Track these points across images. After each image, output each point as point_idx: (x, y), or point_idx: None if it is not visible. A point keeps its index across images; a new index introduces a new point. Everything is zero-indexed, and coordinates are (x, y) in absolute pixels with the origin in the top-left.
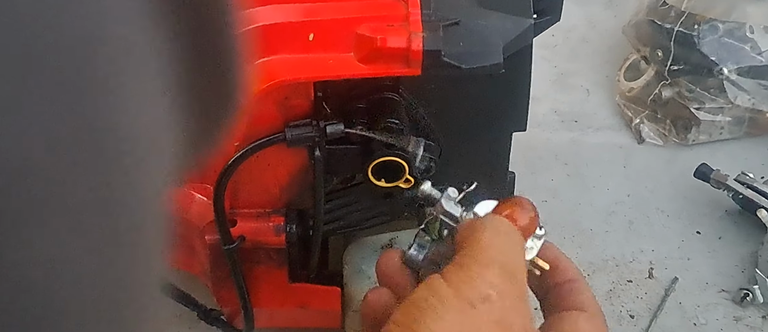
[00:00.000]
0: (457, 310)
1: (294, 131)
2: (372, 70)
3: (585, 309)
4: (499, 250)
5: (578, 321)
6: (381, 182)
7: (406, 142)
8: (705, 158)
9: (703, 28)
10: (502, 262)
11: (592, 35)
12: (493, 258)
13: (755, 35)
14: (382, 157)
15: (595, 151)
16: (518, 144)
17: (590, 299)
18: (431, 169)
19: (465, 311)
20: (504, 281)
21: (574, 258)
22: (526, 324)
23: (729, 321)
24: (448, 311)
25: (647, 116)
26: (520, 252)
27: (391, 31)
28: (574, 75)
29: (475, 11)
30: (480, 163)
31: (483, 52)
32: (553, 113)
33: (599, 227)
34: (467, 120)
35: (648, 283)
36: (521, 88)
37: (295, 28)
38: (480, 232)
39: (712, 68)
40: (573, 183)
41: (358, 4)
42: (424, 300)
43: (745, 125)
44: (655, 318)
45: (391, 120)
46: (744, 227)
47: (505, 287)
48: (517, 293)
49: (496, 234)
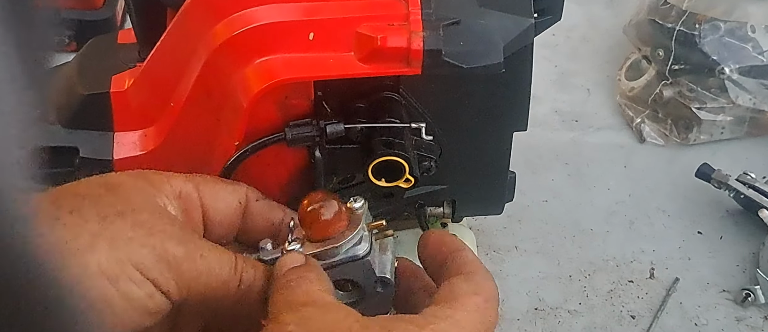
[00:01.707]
0: None
1: (294, 131)
2: (372, 69)
3: (461, 271)
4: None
5: (455, 284)
6: (381, 182)
7: (407, 141)
8: (706, 158)
9: (705, 27)
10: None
11: (593, 35)
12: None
13: (757, 35)
14: (382, 156)
15: (596, 150)
16: (519, 143)
17: (469, 261)
18: (431, 169)
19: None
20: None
21: (575, 258)
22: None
23: (730, 321)
24: None
25: (648, 116)
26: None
27: (392, 31)
28: (575, 74)
29: (475, 10)
30: (480, 162)
31: (483, 52)
32: (553, 113)
33: (600, 227)
34: (468, 119)
35: (649, 283)
36: (522, 87)
37: (295, 28)
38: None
39: (713, 68)
40: (573, 183)
41: (358, 4)
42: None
43: (747, 125)
44: (656, 319)
45: (392, 119)
46: (745, 227)
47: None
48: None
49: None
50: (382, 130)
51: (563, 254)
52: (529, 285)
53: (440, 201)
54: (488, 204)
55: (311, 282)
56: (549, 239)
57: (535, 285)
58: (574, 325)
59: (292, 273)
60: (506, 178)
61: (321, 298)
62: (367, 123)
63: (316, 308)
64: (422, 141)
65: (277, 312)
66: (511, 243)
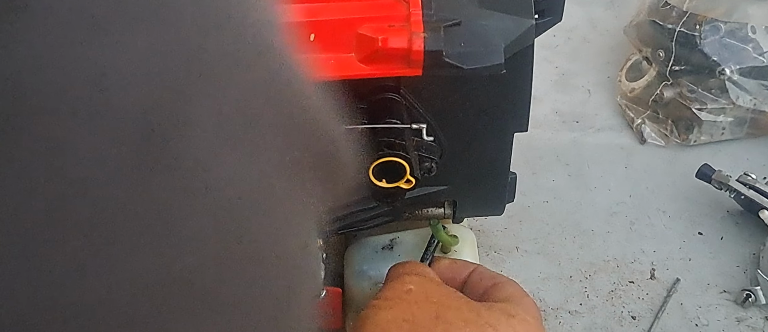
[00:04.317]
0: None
1: None
2: (373, 70)
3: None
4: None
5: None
6: (382, 183)
7: (408, 142)
8: (707, 159)
9: (705, 28)
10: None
11: (594, 36)
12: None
13: (757, 36)
14: (383, 157)
15: (597, 151)
16: (519, 144)
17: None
18: (432, 170)
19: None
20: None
21: (576, 259)
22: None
23: (731, 322)
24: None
25: (649, 117)
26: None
27: (393, 32)
28: (576, 75)
29: (476, 12)
30: (481, 163)
31: (484, 53)
32: (554, 113)
33: (600, 228)
34: (468, 120)
35: (650, 284)
36: (523, 88)
37: (296, 29)
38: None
39: (713, 69)
40: (574, 184)
41: (359, 5)
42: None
43: (747, 126)
44: (656, 319)
45: (393, 120)
46: (746, 228)
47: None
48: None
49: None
50: (383, 131)
51: (564, 255)
52: (529, 285)
53: (441, 202)
54: (489, 204)
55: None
56: (550, 240)
57: (535, 285)
58: (575, 326)
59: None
60: (507, 179)
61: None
62: (368, 124)
63: (431, 279)
64: (423, 142)
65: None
66: (512, 243)
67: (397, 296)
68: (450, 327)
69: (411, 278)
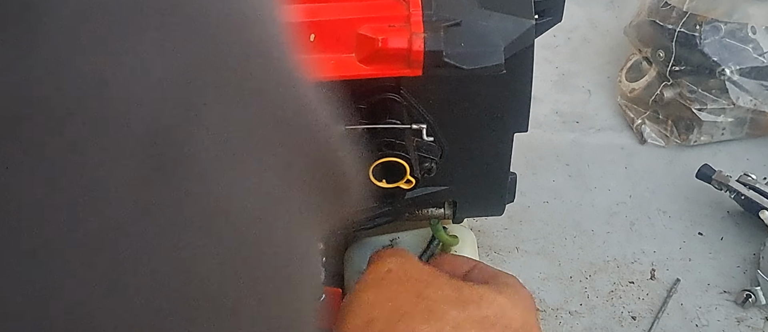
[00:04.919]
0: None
1: None
2: (373, 70)
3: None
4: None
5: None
6: (382, 183)
7: (408, 142)
8: (707, 159)
9: (705, 28)
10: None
11: (594, 36)
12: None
13: (757, 36)
14: (383, 157)
15: (597, 151)
16: (520, 145)
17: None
18: (432, 170)
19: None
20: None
21: (576, 259)
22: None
23: (731, 322)
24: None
25: (649, 117)
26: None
27: (393, 32)
28: (576, 75)
29: (476, 12)
30: (481, 163)
31: (484, 53)
32: (554, 114)
33: (601, 228)
34: (468, 121)
35: (650, 284)
36: (523, 88)
37: (296, 29)
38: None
39: (713, 69)
40: (574, 184)
41: (359, 5)
42: None
43: (747, 126)
44: (656, 320)
45: (393, 120)
46: (746, 228)
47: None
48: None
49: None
50: (383, 131)
51: (564, 255)
52: (529, 286)
53: (441, 202)
54: (489, 205)
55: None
56: (550, 240)
57: (536, 285)
58: (575, 326)
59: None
60: (507, 179)
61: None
62: (368, 124)
63: (409, 259)
64: (423, 142)
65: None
66: (512, 244)
67: (379, 277)
68: (432, 304)
69: (390, 259)
